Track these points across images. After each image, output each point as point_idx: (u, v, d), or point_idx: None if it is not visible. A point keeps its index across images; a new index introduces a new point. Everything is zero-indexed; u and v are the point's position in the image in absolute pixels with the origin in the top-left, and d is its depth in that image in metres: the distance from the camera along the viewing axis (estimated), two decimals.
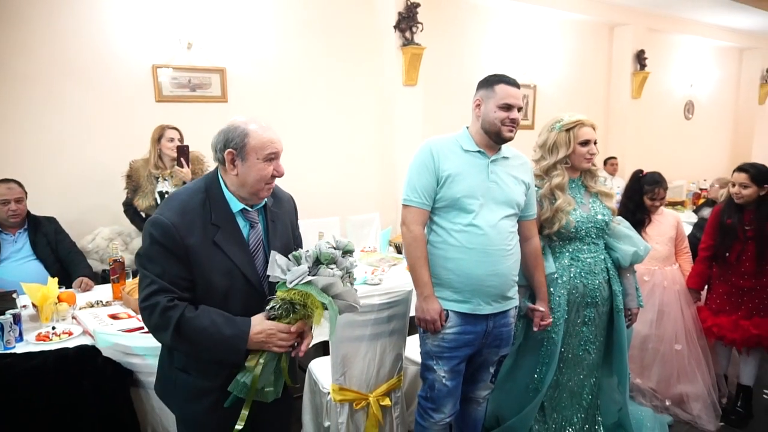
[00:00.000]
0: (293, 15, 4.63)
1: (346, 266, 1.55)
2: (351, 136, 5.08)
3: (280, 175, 1.56)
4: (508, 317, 2.13)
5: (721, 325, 2.94)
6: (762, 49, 8.94)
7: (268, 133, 1.54)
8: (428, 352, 2.12)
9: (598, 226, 2.35)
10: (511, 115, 2.00)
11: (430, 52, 5.02)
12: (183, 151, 3.19)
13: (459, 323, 2.04)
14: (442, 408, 2.13)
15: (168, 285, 1.44)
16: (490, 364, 2.19)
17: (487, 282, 2.01)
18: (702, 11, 7.19)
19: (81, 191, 3.85)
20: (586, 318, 2.40)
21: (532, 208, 2.21)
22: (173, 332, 1.43)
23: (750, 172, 2.81)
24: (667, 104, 8.09)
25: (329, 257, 1.52)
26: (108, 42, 3.85)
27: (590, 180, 2.42)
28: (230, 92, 4.34)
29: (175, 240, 1.44)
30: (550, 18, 6.44)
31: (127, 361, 2.03)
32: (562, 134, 2.32)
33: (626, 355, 2.46)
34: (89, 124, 3.84)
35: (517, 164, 2.14)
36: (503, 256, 2.03)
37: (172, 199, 1.54)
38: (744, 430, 2.89)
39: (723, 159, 9.22)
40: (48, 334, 2.24)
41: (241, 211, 1.57)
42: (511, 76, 2.07)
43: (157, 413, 2.06)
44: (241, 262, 1.52)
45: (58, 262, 3.03)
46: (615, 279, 2.42)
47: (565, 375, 2.44)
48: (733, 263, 2.88)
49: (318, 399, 2.48)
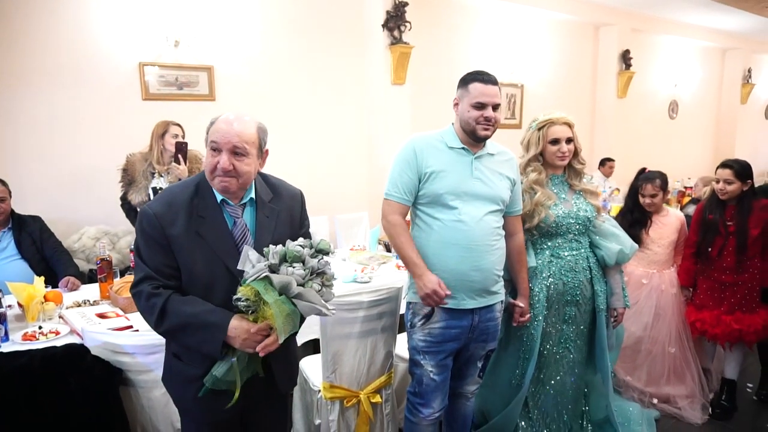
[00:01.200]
0: (281, 13, 4.62)
1: (313, 266, 1.49)
2: (339, 134, 5.08)
3: (222, 170, 1.48)
4: (493, 311, 2.13)
5: (704, 320, 2.97)
6: (744, 49, 9.10)
7: (223, 123, 1.51)
8: (415, 347, 2.12)
9: (580, 222, 2.35)
10: (485, 113, 1.98)
11: (418, 51, 5.03)
12: (181, 148, 3.12)
13: (444, 318, 2.05)
14: (430, 403, 2.13)
15: (153, 273, 1.50)
16: (478, 358, 2.19)
17: (470, 277, 2.02)
18: (685, 12, 7.30)
19: (67, 190, 3.80)
20: (566, 316, 2.40)
21: (517, 204, 2.22)
22: (157, 318, 1.48)
23: (734, 168, 2.86)
24: (651, 104, 8.19)
25: (294, 255, 1.48)
26: (94, 40, 3.81)
27: (574, 178, 2.42)
28: (218, 91, 4.32)
29: (158, 230, 1.48)
30: (537, 18, 6.49)
31: (116, 359, 2.01)
32: (535, 133, 2.35)
33: (607, 354, 2.46)
34: (75, 122, 3.80)
35: (502, 160, 2.14)
36: (487, 251, 2.03)
37: (164, 192, 1.58)
38: (729, 423, 2.94)
39: (706, 157, 9.36)
40: (34, 333, 2.21)
41: (222, 203, 1.56)
42: (490, 73, 2.05)
43: (146, 412, 2.05)
44: (224, 253, 1.51)
45: (44, 262, 2.99)
46: (598, 278, 2.42)
47: (545, 372, 2.44)
48: (715, 258, 2.92)
49: (308, 397, 2.47)
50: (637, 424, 2.77)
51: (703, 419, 2.94)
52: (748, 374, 3.27)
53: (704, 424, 2.92)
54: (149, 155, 3.22)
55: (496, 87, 2.03)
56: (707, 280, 2.99)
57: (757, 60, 9.60)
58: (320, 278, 1.52)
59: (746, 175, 2.85)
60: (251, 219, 1.60)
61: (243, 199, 1.59)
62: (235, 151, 1.50)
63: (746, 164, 2.89)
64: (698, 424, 2.91)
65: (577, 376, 2.48)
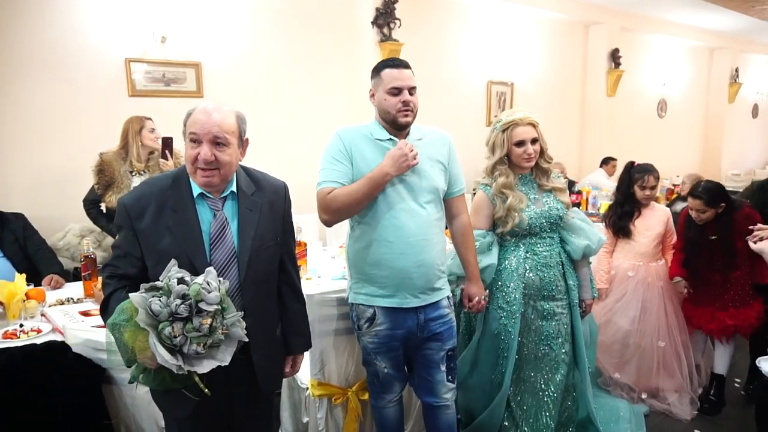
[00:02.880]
0: (270, 9, 4.58)
1: (171, 308, 1.31)
2: (328, 131, 5.00)
3: (203, 162, 1.45)
4: (440, 308, 2.04)
5: (699, 316, 3.00)
6: (731, 48, 9.17)
7: (200, 113, 1.48)
8: (365, 348, 2.08)
9: (552, 221, 2.35)
10: (402, 98, 1.91)
11: (408, 49, 5.01)
12: (168, 143, 3.01)
13: (388, 319, 1.98)
14: (390, 388, 2.13)
15: (114, 261, 1.53)
16: (439, 361, 2.08)
17: (412, 274, 1.94)
18: (674, 11, 7.34)
19: (51, 187, 3.73)
20: (545, 312, 2.37)
21: (457, 184, 2.10)
22: (101, 310, 1.53)
23: (703, 198, 2.84)
24: (641, 102, 8.23)
25: (166, 288, 1.33)
26: (79, 35, 3.75)
27: (542, 177, 2.38)
28: (206, 87, 4.27)
29: (127, 221, 1.49)
30: (527, 16, 6.49)
31: (98, 357, 1.98)
32: (500, 135, 2.30)
33: (583, 348, 2.45)
34: (60, 118, 3.73)
35: (430, 141, 2.03)
36: (427, 245, 1.95)
37: (140, 184, 1.59)
38: (717, 418, 2.95)
39: (695, 156, 9.44)
40: (15, 331, 2.16)
41: (201, 196, 1.53)
42: (402, 59, 1.98)
43: (130, 410, 2.02)
44: (191, 250, 1.47)
45: (27, 260, 2.93)
46: (570, 273, 2.41)
47: (525, 371, 2.40)
48: (703, 266, 2.94)
49: (296, 395, 2.45)
50: (625, 421, 2.77)
51: (692, 414, 2.95)
52: (736, 369, 3.28)
53: (692, 419, 2.93)
54: (124, 153, 3.09)
55: (409, 70, 1.95)
56: (699, 280, 2.99)
57: (745, 59, 9.69)
58: (182, 325, 1.32)
59: (717, 200, 2.85)
60: (232, 212, 1.57)
61: (224, 191, 1.56)
62: (215, 141, 1.47)
63: (716, 190, 2.87)
64: (687, 420, 2.92)
65: (561, 374, 2.43)
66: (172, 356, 1.30)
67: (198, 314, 1.32)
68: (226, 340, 1.39)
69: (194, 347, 1.32)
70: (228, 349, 1.39)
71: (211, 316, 1.33)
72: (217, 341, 1.36)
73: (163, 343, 1.30)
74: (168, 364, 1.30)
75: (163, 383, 1.40)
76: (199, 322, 1.31)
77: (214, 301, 1.33)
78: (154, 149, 3.14)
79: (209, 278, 1.37)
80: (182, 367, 1.31)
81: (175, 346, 1.31)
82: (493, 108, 6.27)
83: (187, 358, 1.34)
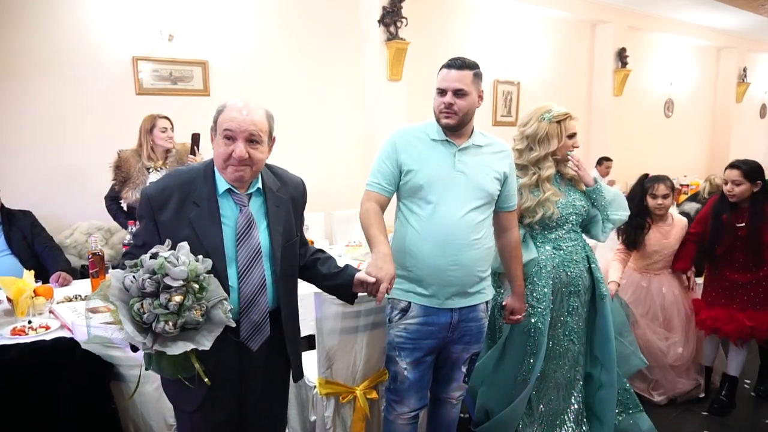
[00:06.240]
0: (277, 8, 4.59)
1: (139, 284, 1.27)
2: (335, 131, 5.05)
3: (238, 159, 1.46)
4: (476, 311, 2.01)
5: (716, 317, 2.89)
6: (739, 48, 9.12)
7: (235, 111, 1.49)
8: (391, 343, 2.06)
9: (578, 212, 2.37)
10: (445, 99, 1.88)
11: (415, 48, 5.01)
12: (196, 139, 3.09)
13: (422, 314, 1.97)
14: (405, 401, 2.06)
15: (133, 249, 1.52)
16: (462, 362, 2.08)
17: (447, 274, 1.91)
18: (681, 10, 7.31)
19: (59, 185, 3.75)
20: (570, 308, 2.39)
21: (511, 200, 2.09)
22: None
23: (742, 168, 2.77)
24: (647, 102, 8.20)
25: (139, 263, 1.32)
26: (87, 33, 3.76)
27: (563, 167, 2.39)
28: (213, 86, 4.28)
29: (149, 211, 1.49)
30: (534, 15, 6.47)
31: (107, 354, 1.98)
32: (553, 125, 2.28)
33: (612, 344, 2.43)
34: (68, 116, 3.75)
35: (491, 152, 2.01)
36: (466, 247, 1.92)
37: (166, 174, 1.59)
38: (727, 419, 2.93)
39: (702, 156, 9.39)
40: (24, 328, 2.17)
41: (228, 192, 1.53)
42: (464, 58, 1.94)
43: (138, 407, 2.01)
44: (210, 245, 1.47)
45: (35, 257, 2.94)
46: (596, 266, 2.43)
47: (550, 366, 2.42)
48: (722, 257, 2.86)
49: (304, 393, 2.44)
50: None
51: (701, 414, 2.93)
52: (746, 370, 3.25)
53: (702, 420, 2.91)
54: (140, 151, 3.16)
55: (461, 72, 1.89)
56: (717, 278, 2.93)
57: (753, 59, 9.62)
58: (151, 301, 1.26)
59: (755, 176, 2.76)
60: (258, 208, 1.57)
61: (250, 188, 1.56)
62: (250, 139, 1.48)
63: (756, 164, 2.79)
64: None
65: (581, 367, 2.47)
66: (139, 333, 1.26)
67: (166, 290, 1.27)
68: (207, 324, 1.33)
69: (162, 325, 1.26)
70: (209, 334, 1.33)
71: (182, 294, 1.27)
72: (193, 322, 1.30)
73: (134, 319, 1.27)
74: (134, 341, 1.26)
75: (164, 370, 1.38)
76: (165, 298, 1.26)
77: (179, 276, 1.26)
78: (167, 148, 3.18)
79: (181, 253, 1.32)
80: (148, 346, 1.26)
81: (145, 323, 1.27)
82: (499, 107, 6.26)
83: (159, 337, 1.28)
